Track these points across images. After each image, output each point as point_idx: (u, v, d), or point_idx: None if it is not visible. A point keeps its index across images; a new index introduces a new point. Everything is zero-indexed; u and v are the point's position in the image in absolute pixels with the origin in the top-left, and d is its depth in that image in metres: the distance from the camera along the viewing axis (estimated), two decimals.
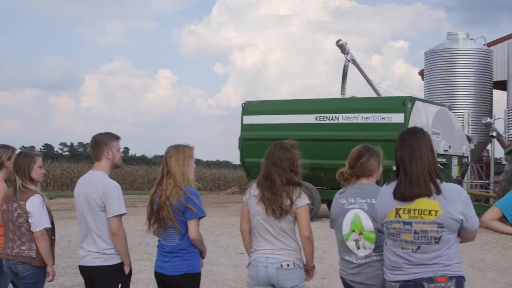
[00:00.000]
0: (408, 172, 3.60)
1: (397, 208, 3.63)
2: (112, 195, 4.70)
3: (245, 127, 18.74)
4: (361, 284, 4.32)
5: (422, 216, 3.55)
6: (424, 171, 3.58)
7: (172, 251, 4.73)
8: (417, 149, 3.63)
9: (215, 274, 9.24)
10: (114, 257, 4.77)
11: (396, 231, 3.64)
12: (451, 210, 3.53)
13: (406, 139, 3.71)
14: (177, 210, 4.64)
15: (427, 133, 3.79)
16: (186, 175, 4.74)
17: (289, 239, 4.50)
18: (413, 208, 3.58)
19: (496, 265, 10.50)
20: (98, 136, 4.94)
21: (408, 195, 3.59)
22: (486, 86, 22.70)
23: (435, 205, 3.53)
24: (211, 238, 13.00)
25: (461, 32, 22.99)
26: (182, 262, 4.72)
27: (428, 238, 3.55)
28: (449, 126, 17.45)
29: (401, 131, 3.86)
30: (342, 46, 21.19)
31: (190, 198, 4.65)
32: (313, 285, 8.29)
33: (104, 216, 4.72)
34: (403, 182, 3.62)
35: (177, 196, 4.65)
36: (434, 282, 3.54)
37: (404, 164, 3.63)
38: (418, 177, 3.57)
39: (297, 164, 4.57)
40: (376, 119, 16.46)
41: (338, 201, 4.50)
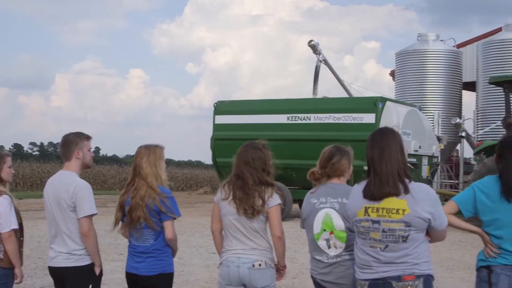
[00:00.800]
0: (377, 172, 3.65)
1: (366, 207, 3.67)
2: (83, 195, 4.67)
3: (217, 127, 18.72)
4: (332, 283, 4.34)
5: (390, 215, 3.59)
6: (393, 171, 3.63)
7: (146, 251, 4.72)
8: (387, 149, 3.67)
9: (186, 274, 9.22)
10: (85, 257, 4.74)
11: (365, 230, 3.69)
12: (418, 209, 3.58)
13: (376, 139, 3.75)
14: (153, 211, 4.63)
15: (398, 133, 3.83)
16: (159, 176, 4.73)
17: (261, 239, 4.51)
18: (381, 207, 3.62)
19: (465, 264, 10.62)
20: (68, 136, 4.89)
21: (377, 194, 3.63)
22: (455, 87, 22.95)
23: (403, 204, 3.58)
24: (182, 238, 12.96)
25: (431, 33, 23.20)
26: (157, 262, 4.71)
27: (395, 237, 3.59)
28: (420, 126, 17.61)
29: (372, 131, 3.90)
30: (314, 46, 21.27)
31: (166, 199, 4.65)
32: (284, 285, 8.32)
33: (74, 217, 4.68)
34: (373, 182, 3.66)
35: (152, 197, 4.64)
36: (402, 280, 3.59)
37: (374, 163, 3.67)
38: (387, 177, 3.62)
39: (269, 164, 4.58)
40: (348, 119, 16.55)
41: (309, 200, 4.52)
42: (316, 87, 21.25)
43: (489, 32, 24.38)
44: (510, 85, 15.38)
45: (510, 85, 15.38)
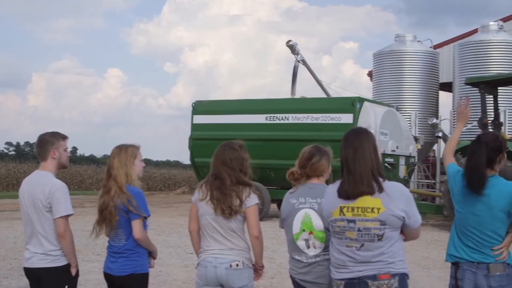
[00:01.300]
0: (351, 171, 3.68)
1: (341, 206, 3.70)
2: (59, 196, 4.63)
3: (195, 126, 18.68)
4: (311, 283, 4.35)
5: (365, 214, 3.62)
6: (367, 170, 3.66)
7: (119, 252, 4.71)
8: (361, 149, 3.71)
9: (164, 275, 9.18)
10: (61, 258, 4.70)
11: (341, 229, 3.71)
12: (392, 207, 3.61)
13: (350, 138, 3.78)
14: (121, 211, 4.61)
15: (371, 133, 3.86)
16: (129, 175, 4.70)
17: (238, 239, 4.51)
18: (356, 206, 3.65)
19: (441, 263, 10.69)
20: (44, 136, 4.85)
21: (351, 193, 3.66)
22: (432, 88, 23.11)
23: (378, 203, 3.61)
24: (160, 239, 12.92)
25: (408, 34, 23.34)
26: (128, 262, 4.69)
27: (371, 236, 3.62)
28: (397, 126, 17.71)
29: (347, 132, 3.92)
30: (292, 46, 21.30)
31: (133, 197, 4.63)
32: (262, 285, 8.32)
33: (50, 217, 4.64)
34: (347, 181, 3.69)
35: (121, 196, 4.62)
36: (377, 279, 3.61)
37: (348, 163, 3.70)
38: (361, 176, 3.65)
39: (246, 165, 4.59)
40: (326, 119, 16.60)
41: (289, 200, 4.53)
42: (294, 87, 21.28)
43: (466, 33, 24.59)
44: (486, 85, 15.53)
45: (486, 85, 15.53)
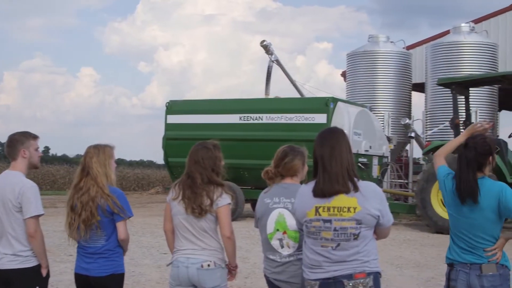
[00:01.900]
0: (327, 169, 3.69)
1: (317, 206, 3.71)
2: (29, 196, 4.59)
3: (169, 126, 18.60)
4: (285, 282, 4.37)
5: (341, 214, 3.64)
6: (343, 169, 3.68)
7: (97, 252, 4.67)
8: (337, 148, 3.73)
9: (137, 275, 9.14)
10: (31, 259, 4.66)
11: (316, 230, 3.71)
12: (368, 206, 3.64)
13: (327, 137, 3.79)
14: (105, 211, 4.59)
15: (345, 133, 3.90)
16: (109, 176, 4.68)
17: (211, 239, 4.51)
18: (332, 206, 3.66)
19: (414, 262, 10.79)
20: (14, 135, 4.80)
21: (327, 191, 3.67)
22: (405, 88, 23.28)
23: (353, 202, 3.64)
24: (133, 239, 12.84)
25: (381, 35, 23.48)
26: (108, 263, 4.67)
27: (347, 235, 3.64)
28: (370, 126, 17.81)
29: (321, 131, 3.94)
30: (266, 46, 21.31)
31: (118, 199, 4.62)
32: (236, 285, 8.32)
33: (20, 217, 4.60)
34: (322, 179, 3.70)
35: (104, 197, 4.59)
36: (353, 278, 3.63)
37: (324, 161, 3.71)
38: (337, 175, 3.67)
39: (219, 164, 4.59)
40: (300, 119, 16.64)
41: (263, 200, 4.54)
42: (268, 87, 21.30)
43: (438, 34, 24.79)
44: (457, 86, 15.67)
45: (457, 86, 15.67)
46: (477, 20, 24.07)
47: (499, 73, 19.27)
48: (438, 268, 10.08)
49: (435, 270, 9.92)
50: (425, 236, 14.59)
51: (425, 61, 22.73)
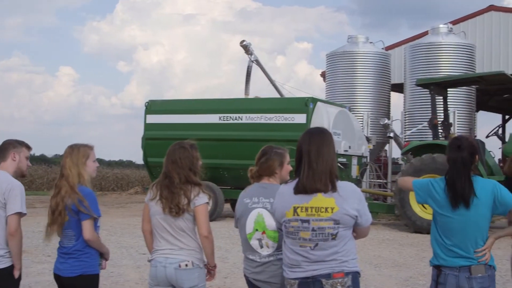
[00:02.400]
0: (313, 167, 3.72)
1: (295, 206, 3.74)
2: (16, 193, 4.62)
3: (148, 126, 18.53)
4: (264, 282, 4.38)
5: (319, 214, 3.67)
6: (327, 169, 3.72)
7: (68, 252, 4.66)
8: (325, 147, 3.78)
9: (116, 276, 9.10)
10: (3, 260, 4.64)
11: (295, 230, 3.75)
12: (346, 206, 3.68)
13: (315, 135, 3.84)
14: (72, 211, 4.57)
15: (332, 135, 3.94)
16: (81, 175, 4.66)
17: (188, 239, 4.51)
18: (310, 206, 3.70)
19: (393, 261, 10.85)
20: (9, 140, 4.89)
21: (309, 188, 3.70)
22: (384, 88, 23.40)
23: (331, 203, 3.67)
24: (112, 239, 12.80)
25: (361, 35, 23.57)
26: (77, 263, 4.64)
27: (325, 235, 3.67)
28: (349, 126, 17.87)
29: (307, 129, 3.99)
30: (246, 46, 21.31)
31: (84, 198, 4.59)
32: (216, 284, 8.31)
33: (3, 215, 4.58)
34: (306, 175, 3.73)
35: (71, 196, 4.58)
36: (332, 278, 3.66)
37: (310, 158, 3.74)
38: (321, 173, 3.70)
39: (196, 164, 4.58)
40: (279, 119, 16.66)
41: (242, 200, 4.55)
42: (248, 87, 21.29)
43: (417, 35, 24.97)
44: (436, 87, 15.79)
45: (436, 87, 15.79)
46: (455, 21, 24.27)
47: (476, 74, 19.46)
48: (417, 267, 10.16)
49: (413, 269, 9.99)
50: (403, 235, 14.68)
51: (404, 62, 22.88)
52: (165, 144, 5.04)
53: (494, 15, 24.05)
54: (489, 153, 16.07)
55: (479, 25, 24.21)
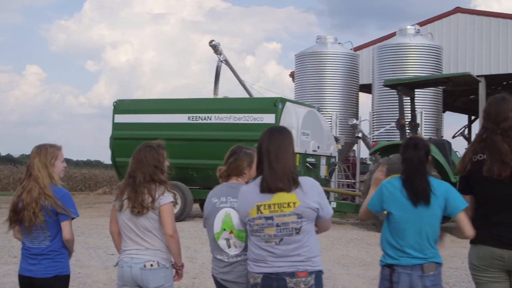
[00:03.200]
0: (273, 166, 3.78)
1: (258, 205, 3.80)
2: None
3: (116, 126, 18.40)
4: (232, 282, 4.38)
5: (282, 209, 3.75)
6: (288, 168, 3.78)
7: (42, 253, 4.61)
8: (284, 146, 3.84)
9: (84, 277, 9.02)
10: None
11: (259, 227, 3.81)
12: (307, 200, 3.75)
13: (275, 134, 3.89)
14: (50, 212, 4.53)
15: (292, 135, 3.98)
16: (52, 176, 4.63)
17: (154, 239, 4.50)
18: (272, 203, 3.77)
19: (361, 261, 10.93)
20: None
21: (272, 187, 3.76)
22: (352, 89, 23.55)
23: (293, 198, 3.75)
24: (80, 240, 12.68)
25: (329, 36, 23.69)
26: (53, 264, 4.61)
27: (289, 230, 3.75)
28: (318, 126, 17.95)
29: (267, 128, 4.00)
30: (215, 46, 21.28)
31: (62, 199, 4.56)
32: (184, 285, 8.29)
33: None
34: (268, 174, 3.78)
35: (48, 197, 4.53)
36: (295, 277, 3.73)
37: (270, 157, 3.79)
38: (282, 172, 3.77)
39: (163, 162, 4.58)
40: (248, 119, 16.67)
41: (210, 199, 4.56)
42: (217, 87, 21.26)
43: (385, 36, 25.18)
44: (403, 87, 15.93)
45: (403, 87, 15.93)
46: (422, 22, 24.55)
47: (443, 75, 19.67)
48: None
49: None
50: (371, 235, 14.78)
51: (372, 63, 23.05)
52: (134, 144, 5.03)
53: (460, 17, 24.37)
54: (455, 153, 16.27)
55: (445, 27, 24.52)
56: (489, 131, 4.27)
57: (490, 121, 4.29)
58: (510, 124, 4.22)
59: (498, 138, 4.19)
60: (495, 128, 4.24)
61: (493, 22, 23.58)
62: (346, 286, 8.76)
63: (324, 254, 11.12)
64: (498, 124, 4.24)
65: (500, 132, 4.21)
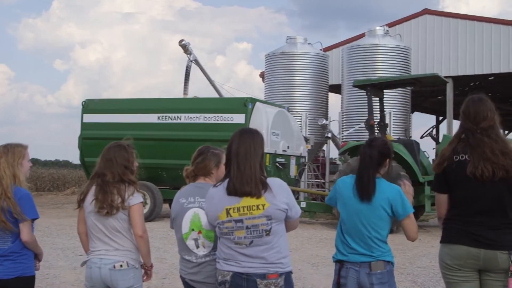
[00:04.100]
0: (241, 169, 3.77)
1: (227, 208, 3.79)
2: None
3: (85, 126, 18.27)
4: (200, 283, 4.37)
5: (251, 212, 3.75)
6: (256, 170, 3.79)
7: (4, 255, 4.56)
8: (253, 150, 3.83)
9: (52, 278, 8.93)
10: None
11: (229, 230, 3.80)
12: (276, 201, 3.76)
13: (245, 137, 3.88)
14: (7, 212, 4.48)
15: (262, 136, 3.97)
16: (17, 176, 4.58)
17: (123, 239, 4.47)
18: (241, 206, 3.76)
19: (330, 260, 10.87)
20: None
21: (239, 190, 3.76)
22: (322, 89, 23.65)
23: (262, 200, 3.75)
24: (48, 240, 12.56)
25: (299, 36, 23.78)
26: (14, 265, 4.55)
27: (259, 232, 3.75)
28: (288, 127, 18.01)
29: (238, 130, 4.01)
30: (185, 46, 21.21)
31: (21, 200, 4.51)
32: (154, 285, 8.26)
33: None
34: (236, 177, 3.78)
35: (7, 199, 4.48)
36: (266, 278, 3.74)
37: (239, 160, 3.79)
38: (250, 176, 3.76)
39: (132, 163, 4.55)
40: (218, 119, 16.67)
41: (178, 200, 4.54)
42: (186, 87, 21.21)
43: (354, 37, 25.33)
44: (372, 88, 16.05)
45: (372, 88, 16.05)
46: (391, 24, 24.76)
47: (411, 75, 19.88)
48: None
49: None
50: None
51: (342, 63, 23.19)
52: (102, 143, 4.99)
53: (428, 18, 24.63)
54: (423, 153, 16.44)
55: (414, 28, 24.75)
56: (468, 131, 4.29)
57: (469, 121, 4.30)
58: (489, 124, 4.24)
59: (480, 138, 4.21)
60: (475, 128, 4.25)
61: (461, 24, 23.87)
62: (315, 285, 8.80)
63: (294, 254, 11.16)
64: (477, 124, 4.25)
65: (480, 132, 4.23)
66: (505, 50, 23.02)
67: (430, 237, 14.13)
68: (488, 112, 4.28)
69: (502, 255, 4.13)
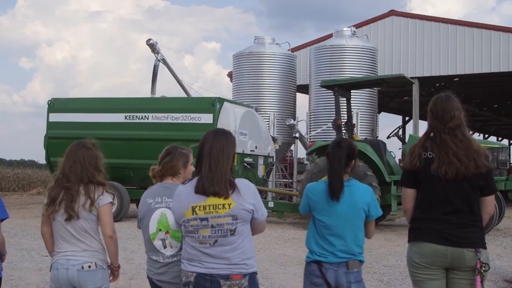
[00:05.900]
0: (212, 169, 3.78)
1: (193, 206, 3.80)
2: None
3: (51, 125, 18.06)
4: (168, 283, 4.36)
5: (217, 211, 3.76)
6: (227, 171, 3.80)
7: None
8: (226, 152, 3.85)
9: (16, 279, 8.82)
10: None
11: (194, 228, 3.81)
12: (242, 202, 3.78)
13: (219, 137, 3.89)
14: None
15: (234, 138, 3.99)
16: None
17: (91, 240, 4.44)
18: (208, 204, 3.77)
19: (298, 260, 11.02)
20: None
21: (208, 190, 3.77)
22: (290, 89, 23.73)
23: (229, 200, 3.77)
24: (13, 241, 12.39)
25: (267, 36, 23.83)
26: None
27: (224, 231, 3.77)
28: (256, 127, 18.03)
29: (211, 129, 4.01)
30: (153, 45, 21.10)
31: None
32: (121, 286, 8.21)
33: None
34: (206, 177, 3.79)
35: None
36: (230, 279, 3.76)
37: (211, 160, 3.80)
38: (221, 177, 3.77)
39: (101, 163, 4.52)
40: (186, 119, 16.61)
41: (145, 200, 4.52)
42: (154, 87, 21.10)
43: (322, 37, 25.46)
44: (340, 88, 16.14)
45: (340, 88, 16.14)
46: (358, 24, 24.95)
47: (378, 76, 20.05)
48: None
49: None
50: None
51: (309, 63, 23.29)
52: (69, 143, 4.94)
53: (395, 19, 24.88)
54: (390, 153, 16.58)
55: (380, 29, 24.98)
56: (436, 130, 4.32)
57: (437, 120, 4.32)
58: (456, 123, 4.27)
59: (446, 138, 4.25)
60: (442, 127, 4.28)
61: (427, 25, 24.15)
62: (283, 285, 8.83)
63: (261, 253, 11.18)
64: (445, 124, 4.28)
65: (447, 132, 4.27)
66: (470, 51, 23.36)
67: (397, 236, 14.27)
68: (456, 111, 4.31)
69: (469, 252, 4.19)
